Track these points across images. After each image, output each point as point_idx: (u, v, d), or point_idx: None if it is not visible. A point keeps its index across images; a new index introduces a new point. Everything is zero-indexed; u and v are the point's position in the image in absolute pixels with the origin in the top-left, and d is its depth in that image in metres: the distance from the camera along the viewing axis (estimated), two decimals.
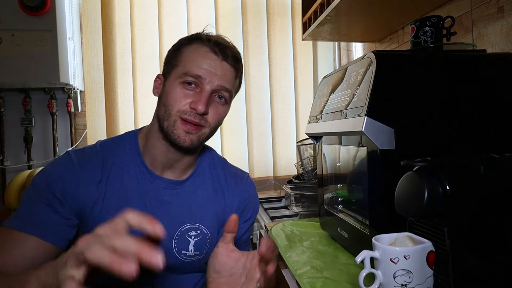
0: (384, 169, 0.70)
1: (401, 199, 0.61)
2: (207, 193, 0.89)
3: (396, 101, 0.72)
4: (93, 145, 0.85)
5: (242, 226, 0.93)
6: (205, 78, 0.79)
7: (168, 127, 0.79)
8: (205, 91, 0.79)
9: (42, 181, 0.76)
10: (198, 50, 0.81)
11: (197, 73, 0.78)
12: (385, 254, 0.55)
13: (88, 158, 0.80)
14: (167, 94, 0.80)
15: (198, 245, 0.85)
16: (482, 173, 0.56)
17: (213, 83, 0.79)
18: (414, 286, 0.53)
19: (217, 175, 0.93)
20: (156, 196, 0.83)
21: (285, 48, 2.12)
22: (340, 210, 0.97)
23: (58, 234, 0.74)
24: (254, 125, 2.08)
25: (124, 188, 0.81)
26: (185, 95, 0.79)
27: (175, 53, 0.84)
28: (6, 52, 1.66)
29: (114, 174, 0.81)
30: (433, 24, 0.86)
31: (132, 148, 0.85)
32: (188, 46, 0.83)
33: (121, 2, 1.90)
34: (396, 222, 0.67)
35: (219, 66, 0.81)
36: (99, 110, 1.92)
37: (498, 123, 0.74)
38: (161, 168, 0.85)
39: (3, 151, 1.87)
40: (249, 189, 0.96)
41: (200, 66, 0.79)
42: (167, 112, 0.79)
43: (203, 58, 0.80)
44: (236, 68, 0.84)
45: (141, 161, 0.84)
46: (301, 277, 0.80)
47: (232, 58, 0.83)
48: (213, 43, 0.81)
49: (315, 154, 1.52)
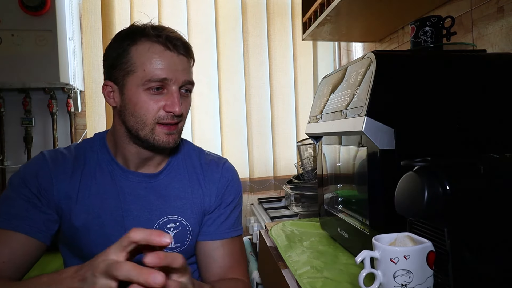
0: (384, 169, 0.70)
1: (401, 199, 0.61)
2: (182, 184, 0.88)
3: (396, 101, 0.72)
4: (67, 146, 0.87)
5: (224, 211, 0.91)
6: (171, 78, 0.76)
7: (146, 135, 0.78)
8: (173, 91, 0.77)
9: (18, 179, 0.78)
10: (152, 50, 0.76)
11: (162, 77, 0.75)
12: (385, 254, 0.55)
13: (61, 156, 0.82)
14: (133, 104, 0.77)
15: (178, 237, 0.85)
16: (482, 173, 0.56)
17: (179, 81, 0.78)
18: (414, 286, 0.53)
19: (192, 165, 0.92)
20: (131, 191, 0.84)
21: (285, 48, 2.12)
22: (340, 210, 0.97)
23: (41, 228, 0.76)
24: (254, 125, 2.08)
25: (98, 184, 0.82)
26: (155, 100, 0.76)
27: (121, 55, 0.77)
28: (6, 52, 1.66)
29: (87, 171, 0.82)
30: (433, 24, 0.86)
31: (102, 148, 0.86)
32: (136, 46, 0.76)
33: (121, 2, 1.90)
34: (396, 222, 0.67)
35: (178, 61, 0.78)
36: (99, 110, 1.92)
37: (498, 123, 0.74)
38: (135, 165, 0.85)
39: (3, 151, 1.87)
40: (226, 174, 0.93)
41: (161, 68, 0.75)
42: (140, 122, 0.77)
43: (160, 58, 0.75)
44: (191, 57, 0.83)
45: (112, 159, 0.85)
46: (301, 277, 0.80)
47: (185, 49, 0.80)
48: (164, 38, 0.76)
49: (315, 154, 1.52)
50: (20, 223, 0.74)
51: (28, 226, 0.75)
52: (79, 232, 0.80)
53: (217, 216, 0.90)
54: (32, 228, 0.75)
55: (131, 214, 0.82)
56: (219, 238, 0.88)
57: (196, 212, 0.88)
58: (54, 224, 0.80)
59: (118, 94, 0.79)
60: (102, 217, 0.81)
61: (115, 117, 0.83)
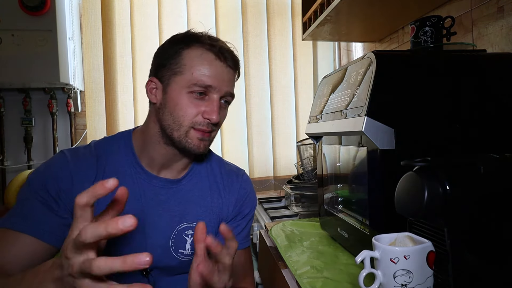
0: (384, 169, 0.70)
1: (401, 199, 0.61)
2: (203, 191, 0.89)
3: (396, 101, 0.72)
4: (87, 145, 0.84)
5: (240, 222, 0.93)
6: (215, 87, 0.78)
7: (180, 137, 0.79)
8: (215, 100, 0.79)
9: (37, 180, 0.76)
10: (204, 57, 0.78)
11: (208, 84, 0.77)
12: (385, 254, 0.55)
13: (83, 157, 0.80)
14: (174, 104, 0.78)
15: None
16: (482, 173, 0.56)
17: (222, 91, 0.79)
18: (414, 286, 0.53)
19: (213, 173, 0.92)
20: (152, 196, 0.83)
21: (285, 48, 2.12)
22: (340, 210, 0.97)
23: (54, 233, 0.74)
24: (254, 125, 2.08)
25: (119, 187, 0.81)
26: (196, 105, 0.78)
27: (172, 56, 0.80)
28: (6, 52, 1.66)
29: (109, 173, 0.80)
30: (433, 24, 0.86)
31: (126, 148, 0.84)
32: (189, 50, 0.79)
33: (121, 2, 1.90)
34: (396, 222, 0.67)
35: (225, 72, 0.80)
36: (99, 110, 1.92)
37: (498, 123, 0.74)
38: (158, 168, 0.84)
39: (3, 151, 1.87)
40: (245, 185, 0.95)
41: (209, 76, 0.77)
42: (176, 123, 0.78)
43: (210, 66, 0.78)
44: (237, 71, 0.85)
45: (136, 162, 0.83)
46: (301, 277, 0.80)
47: (233, 62, 0.82)
48: (218, 49, 0.79)
49: (315, 154, 1.52)
50: (33, 225, 0.72)
51: (41, 230, 0.73)
52: None
53: (234, 227, 0.91)
54: (45, 232, 0.73)
55: (151, 218, 0.81)
56: None
57: (214, 220, 0.88)
58: (68, 228, 0.78)
59: (161, 92, 0.81)
60: None
61: (151, 114, 0.83)
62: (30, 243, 0.72)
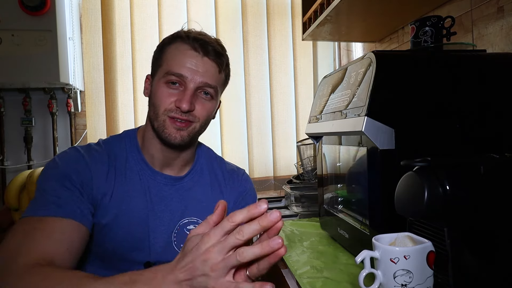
0: (384, 169, 0.70)
1: (401, 199, 0.61)
2: (204, 188, 0.92)
3: (396, 101, 0.72)
4: (96, 143, 0.87)
5: None
6: (187, 76, 0.80)
7: (158, 126, 0.81)
8: (188, 89, 0.81)
9: (59, 173, 0.76)
10: (179, 49, 0.82)
11: (179, 72, 0.80)
12: (385, 254, 0.55)
13: (96, 153, 0.82)
14: (154, 94, 0.83)
15: None
16: (482, 173, 0.56)
17: (196, 81, 0.81)
18: (414, 286, 0.53)
19: (214, 171, 0.95)
20: (156, 192, 0.85)
21: (285, 48, 2.12)
22: (340, 210, 0.97)
23: (87, 216, 0.75)
24: (254, 125, 2.08)
25: (128, 183, 0.83)
26: (170, 94, 0.81)
27: (159, 53, 0.85)
28: (6, 52, 1.66)
29: (119, 169, 0.83)
30: (433, 24, 0.86)
31: (132, 146, 0.87)
32: (170, 45, 0.84)
33: (121, 2, 1.90)
34: (396, 222, 0.67)
35: (200, 62, 0.81)
36: (99, 110, 1.92)
37: (498, 123, 0.74)
38: (160, 165, 0.87)
39: (3, 151, 1.87)
40: (245, 183, 0.98)
41: (181, 65, 0.80)
42: (155, 112, 0.82)
43: (184, 56, 0.81)
44: (218, 62, 0.85)
45: (141, 158, 0.86)
46: (301, 277, 0.80)
47: (214, 53, 0.83)
48: (192, 39, 0.82)
49: (315, 154, 1.52)
50: (67, 209, 0.72)
51: (76, 212, 0.72)
52: (105, 229, 0.79)
53: None
54: (79, 213, 0.73)
55: (154, 214, 0.84)
56: None
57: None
58: (92, 216, 0.77)
59: (150, 86, 0.87)
60: (129, 215, 0.81)
61: (148, 111, 0.87)
62: (69, 226, 0.71)
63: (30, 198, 1.44)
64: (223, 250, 0.47)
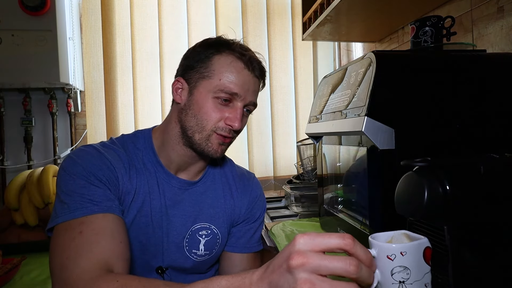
0: (384, 169, 0.70)
1: (401, 199, 0.61)
2: (216, 193, 0.90)
3: (396, 101, 0.72)
4: (109, 140, 0.83)
5: (252, 225, 0.94)
6: (240, 95, 0.79)
7: (201, 139, 0.79)
8: (238, 107, 0.80)
9: (82, 171, 0.72)
10: (233, 65, 0.79)
11: (234, 91, 0.78)
12: (382, 251, 0.55)
13: (113, 149, 0.79)
14: (199, 107, 0.79)
15: (208, 244, 0.86)
16: (482, 173, 0.56)
17: (246, 100, 0.80)
18: (412, 283, 0.53)
19: (225, 176, 0.94)
20: (171, 196, 0.84)
21: (285, 48, 2.12)
22: (340, 210, 0.97)
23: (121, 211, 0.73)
24: (254, 125, 2.08)
25: (147, 184, 0.81)
26: (220, 110, 0.79)
27: (202, 60, 0.80)
28: (6, 52, 1.66)
29: (137, 167, 0.80)
30: (433, 24, 0.86)
31: (147, 148, 0.84)
32: (219, 56, 0.80)
33: (121, 2, 1.90)
34: (396, 222, 0.67)
35: (252, 82, 0.81)
36: (99, 110, 1.92)
37: (498, 123, 0.74)
38: (176, 169, 0.85)
39: (3, 151, 1.87)
40: (256, 188, 0.97)
41: (236, 84, 0.78)
42: (199, 125, 0.79)
43: (239, 75, 0.79)
44: (263, 82, 0.87)
45: (157, 161, 0.83)
46: None
47: (260, 72, 0.84)
48: (248, 58, 0.80)
49: (315, 154, 1.52)
50: (108, 204, 0.70)
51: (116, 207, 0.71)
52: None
53: (247, 230, 0.93)
54: (120, 210, 0.71)
55: (168, 218, 0.83)
56: (247, 252, 0.92)
57: (226, 221, 0.90)
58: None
59: (187, 93, 0.81)
60: (148, 216, 0.80)
61: (173, 114, 0.83)
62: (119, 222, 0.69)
63: (30, 198, 1.44)
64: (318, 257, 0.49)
